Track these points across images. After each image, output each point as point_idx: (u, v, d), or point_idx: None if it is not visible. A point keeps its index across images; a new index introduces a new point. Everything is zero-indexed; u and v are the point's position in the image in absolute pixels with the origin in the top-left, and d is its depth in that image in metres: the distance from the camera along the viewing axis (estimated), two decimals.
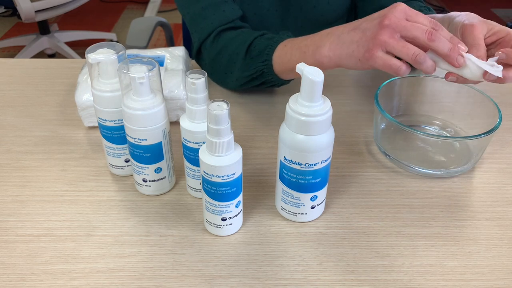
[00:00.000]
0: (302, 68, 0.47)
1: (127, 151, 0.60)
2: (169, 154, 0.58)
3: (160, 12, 3.19)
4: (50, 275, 0.50)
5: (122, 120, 0.56)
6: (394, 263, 0.52)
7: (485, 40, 0.58)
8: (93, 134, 0.71)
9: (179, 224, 0.56)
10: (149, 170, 0.57)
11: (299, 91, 0.49)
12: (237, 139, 0.50)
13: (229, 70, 0.77)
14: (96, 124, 0.71)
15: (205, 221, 0.55)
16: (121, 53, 0.57)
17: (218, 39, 0.77)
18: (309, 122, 0.48)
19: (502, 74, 0.54)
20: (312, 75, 0.46)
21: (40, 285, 0.49)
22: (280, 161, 0.53)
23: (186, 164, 0.58)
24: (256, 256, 0.52)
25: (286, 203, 0.55)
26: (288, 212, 0.56)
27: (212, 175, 0.49)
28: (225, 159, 0.48)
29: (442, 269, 0.51)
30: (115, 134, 0.60)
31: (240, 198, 0.53)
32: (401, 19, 0.54)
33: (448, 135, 0.71)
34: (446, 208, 0.59)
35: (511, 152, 0.69)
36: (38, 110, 0.76)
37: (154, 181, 0.59)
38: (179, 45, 1.17)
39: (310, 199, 0.54)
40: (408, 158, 0.65)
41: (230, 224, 0.54)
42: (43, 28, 2.46)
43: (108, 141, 0.61)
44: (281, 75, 0.70)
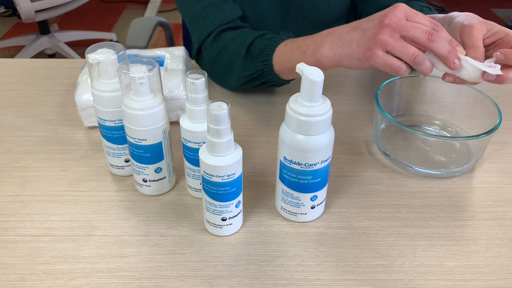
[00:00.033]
0: (302, 68, 0.47)
1: (127, 151, 0.60)
2: (169, 154, 0.58)
3: (160, 12, 3.19)
4: (50, 275, 0.50)
5: (122, 120, 0.56)
6: (394, 263, 0.52)
7: (484, 40, 0.57)
8: (93, 134, 0.71)
9: (179, 224, 0.56)
10: (149, 170, 0.57)
11: (299, 91, 0.49)
12: (237, 139, 0.50)
13: (229, 70, 0.77)
14: (96, 124, 0.71)
15: (205, 221, 0.55)
16: (121, 53, 0.57)
17: (218, 39, 0.77)
18: (309, 122, 0.48)
19: (501, 72, 0.54)
20: (312, 75, 0.46)
21: (40, 285, 0.49)
22: (280, 161, 0.53)
23: (186, 164, 0.58)
24: (256, 256, 0.52)
25: (286, 203, 0.55)
26: (288, 212, 0.56)
27: (212, 175, 0.49)
28: (225, 159, 0.48)
29: (442, 269, 0.51)
30: (115, 134, 0.60)
31: (240, 198, 0.53)
32: (401, 19, 0.54)
33: (448, 135, 0.71)
34: (446, 208, 0.59)
35: (511, 152, 0.69)
36: (38, 110, 0.76)
37: (154, 181, 0.59)
38: (179, 45, 1.17)
39: (310, 199, 0.54)
40: (408, 158, 0.65)
41: (230, 224, 0.54)
42: (43, 28, 2.46)
43: (108, 141, 0.61)
44: (281, 75, 0.70)
